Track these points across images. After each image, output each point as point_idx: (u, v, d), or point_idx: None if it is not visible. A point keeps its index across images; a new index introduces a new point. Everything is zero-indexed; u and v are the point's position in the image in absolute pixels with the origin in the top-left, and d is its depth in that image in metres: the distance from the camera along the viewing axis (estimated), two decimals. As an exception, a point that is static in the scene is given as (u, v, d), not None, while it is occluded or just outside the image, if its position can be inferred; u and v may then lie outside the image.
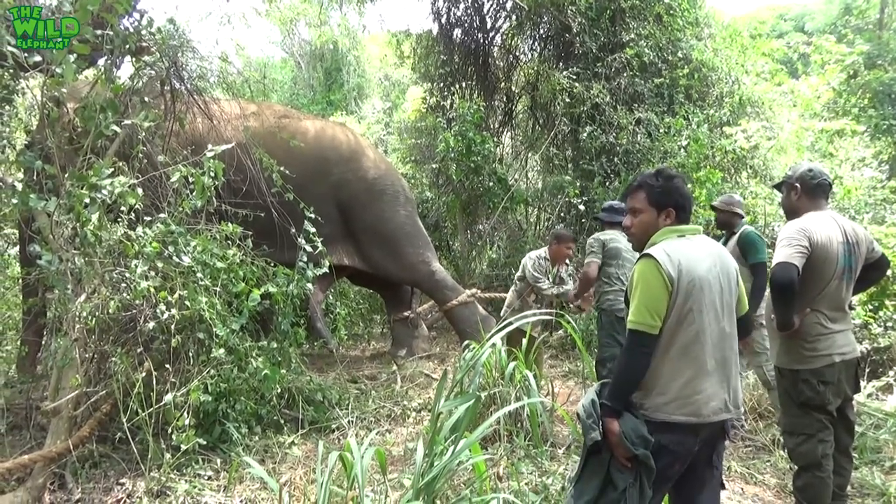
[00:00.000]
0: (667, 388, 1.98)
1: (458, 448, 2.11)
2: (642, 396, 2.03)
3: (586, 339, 6.80)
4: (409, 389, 5.23)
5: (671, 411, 1.96)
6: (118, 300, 3.42)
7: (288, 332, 4.46)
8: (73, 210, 3.23)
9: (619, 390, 2.04)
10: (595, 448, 2.06)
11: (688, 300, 1.95)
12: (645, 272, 2.00)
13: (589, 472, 2.08)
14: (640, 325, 1.97)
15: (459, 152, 8.23)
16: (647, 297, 1.98)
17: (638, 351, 2.00)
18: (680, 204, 2.12)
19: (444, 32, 11.26)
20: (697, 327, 1.96)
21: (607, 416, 2.02)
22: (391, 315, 7.04)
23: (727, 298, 2.03)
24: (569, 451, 3.85)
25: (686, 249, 2.01)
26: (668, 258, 1.97)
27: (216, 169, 3.64)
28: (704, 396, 1.95)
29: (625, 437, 1.95)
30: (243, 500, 3.29)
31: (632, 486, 1.96)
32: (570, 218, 8.67)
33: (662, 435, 1.96)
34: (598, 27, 8.83)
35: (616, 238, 4.41)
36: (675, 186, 2.13)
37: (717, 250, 2.07)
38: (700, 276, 1.96)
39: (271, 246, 4.90)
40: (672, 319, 1.97)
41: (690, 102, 8.36)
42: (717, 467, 2.08)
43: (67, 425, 3.46)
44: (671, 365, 1.98)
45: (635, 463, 1.96)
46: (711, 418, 1.96)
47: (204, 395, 3.53)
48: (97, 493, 3.34)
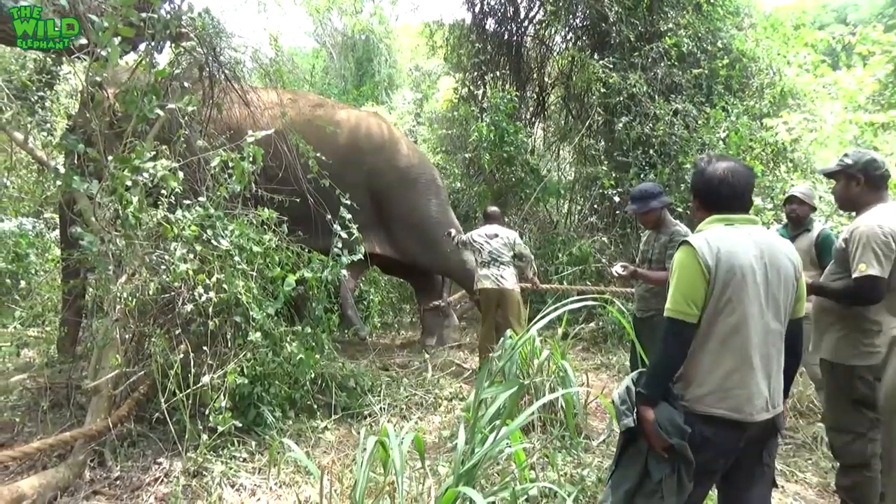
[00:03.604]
0: (706, 380, 1.92)
1: (500, 435, 2.08)
2: (683, 387, 1.98)
3: (617, 333, 6.74)
4: (441, 378, 5.22)
5: (711, 403, 1.90)
6: (157, 282, 3.46)
7: (321, 318, 4.48)
8: (115, 192, 3.26)
9: (656, 379, 1.99)
10: (631, 437, 2.02)
11: (726, 289, 1.88)
12: (682, 259, 1.95)
13: (626, 462, 2.04)
14: (676, 313, 1.92)
15: (492, 142, 8.17)
16: (682, 285, 1.92)
17: (674, 339, 1.95)
18: (704, 191, 2.05)
19: (476, 22, 11.19)
20: (738, 318, 1.88)
21: (642, 404, 1.97)
22: (421, 304, 7.03)
23: (774, 292, 1.93)
24: (604, 443, 3.81)
25: (730, 238, 1.93)
26: (706, 245, 1.90)
27: (256, 154, 3.65)
28: (747, 392, 1.88)
29: (659, 427, 1.90)
30: (278, 482, 3.31)
31: (669, 477, 1.91)
32: (602, 209, 8.56)
33: (704, 427, 1.90)
34: (636, 16, 8.66)
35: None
36: (697, 173, 2.08)
37: (768, 241, 1.96)
38: (741, 265, 1.88)
39: (306, 232, 4.92)
40: (710, 308, 1.90)
41: (730, 94, 8.16)
42: (768, 465, 2.01)
43: (107, 404, 3.52)
44: (710, 356, 1.92)
45: (672, 453, 1.91)
46: (755, 417, 1.88)
47: (240, 378, 3.56)
48: (135, 472, 3.39)
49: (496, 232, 5.53)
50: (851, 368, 2.67)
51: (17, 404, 4.41)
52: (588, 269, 7.42)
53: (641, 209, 3.66)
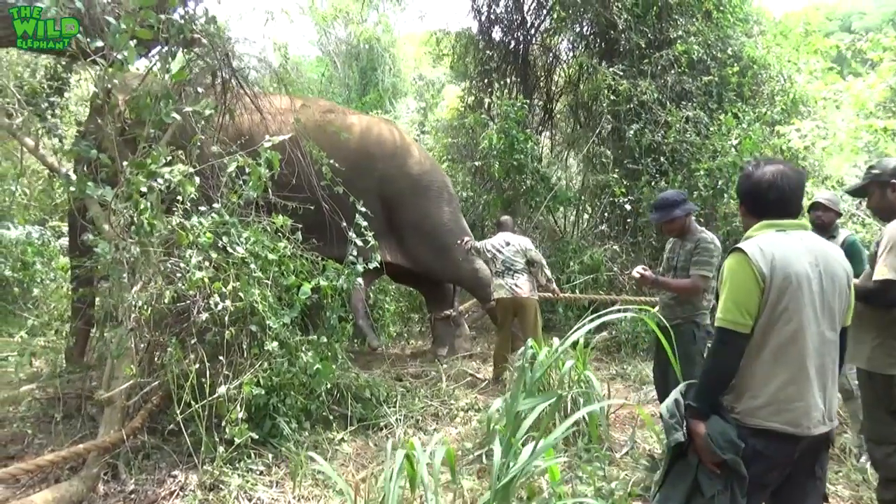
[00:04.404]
0: (760, 392, 1.84)
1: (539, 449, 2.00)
2: (734, 400, 1.89)
3: (631, 342, 6.65)
4: (456, 389, 5.13)
5: (766, 416, 1.82)
6: (173, 290, 3.38)
7: (335, 328, 4.40)
8: (130, 198, 3.20)
9: (707, 391, 1.91)
10: (680, 451, 1.94)
11: (782, 298, 1.80)
12: (734, 267, 1.86)
13: (674, 477, 1.95)
14: (728, 323, 1.84)
15: (502, 150, 8.12)
16: (736, 293, 1.84)
17: (726, 350, 1.87)
18: (752, 196, 1.99)
19: (483, 30, 11.18)
20: (794, 327, 1.80)
21: (693, 417, 1.89)
22: (433, 313, 6.94)
23: (829, 300, 1.85)
24: (627, 455, 3.72)
25: (783, 244, 1.85)
26: (760, 252, 1.83)
27: (273, 160, 3.59)
28: (804, 405, 1.80)
29: (711, 441, 1.82)
30: (296, 496, 3.22)
31: (721, 493, 1.83)
32: (613, 217, 8.49)
33: (757, 441, 1.82)
34: (645, 24, 8.65)
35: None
36: (744, 178, 2.02)
37: (822, 248, 1.89)
38: (797, 273, 1.80)
39: (320, 239, 4.85)
40: (764, 318, 1.82)
41: (742, 101, 8.11)
42: (820, 478, 1.93)
43: (120, 415, 3.44)
44: (764, 367, 1.84)
45: (725, 469, 1.82)
46: (812, 431, 1.80)
47: (256, 389, 3.48)
48: (150, 485, 3.30)
49: (508, 240, 5.49)
50: (890, 378, 2.59)
51: (26, 415, 4.33)
52: (600, 277, 7.34)
53: (664, 218, 3.58)
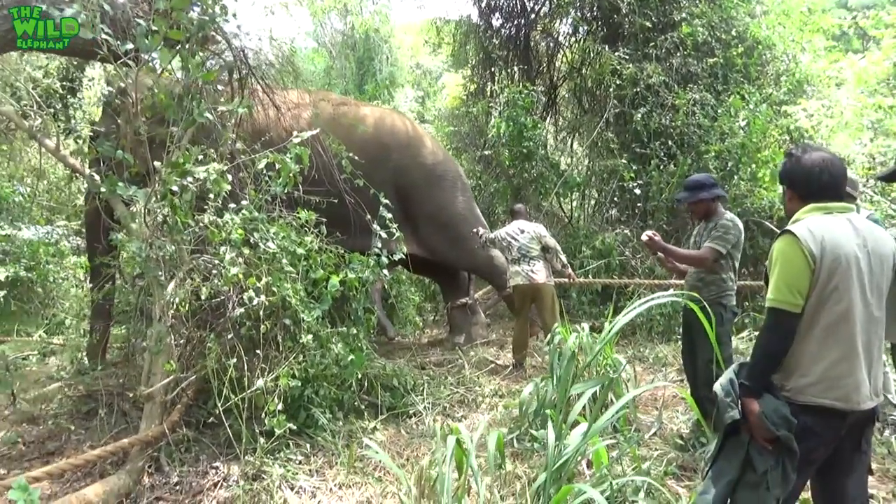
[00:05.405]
0: (810, 370, 1.91)
1: (591, 431, 2.06)
2: (783, 378, 1.96)
3: (647, 325, 6.73)
4: (479, 376, 5.21)
5: (816, 394, 1.89)
6: (209, 287, 3.44)
7: (361, 319, 4.47)
8: (165, 197, 3.24)
9: (759, 370, 1.98)
10: (732, 429, 2.01)
11: (832, 278, 1.87)
12: (784, 249, 1.93)
13: (727, 453, 2.03)
14: (780, 304, 1.91)
15: (511, 137, 8.15)
16: (787, 274, 1.91)
17: (779, 329, 1.94)
18: (803, 181, 2.04)
19: (484, 17, 11.16)
20: (845, 306, 1.87)
21: (746, 396, 1.96)
22: (448, 302, 7.01)
23: (878, 280, 1.93)
24: (655, 436, 3.81)
25: (832, 226, 1.92)
26: (809, 234, 1.89)
27: (302, 155, 3.63)
28: (854, 381, 1.87)
29: (765, 418, 1.89)
30: (336, 483, 3.30)
31: (773, 469, 1.90)
32: (622, 202, 8.54)
33: (807, 417, 1.89)
34: (648, 6, 8.65)
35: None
36: (793, 163, 2.07)
37: (869, 229, 1.95)
38: (846, 254, 1.87)
39: (344, 233, 4.90)
40: (814, 298, 1.89)
41: (748, 82, 8.14)
42: (865, 452, 2.01)
43: (160, 410, 3.51)
44: (814, 345, 1.91)
45: (777, 445, 1.90)
46: (861, 406, 1.88)
47: (293, 381, 3.55)
48: (193, 476, 3.37)
49: (523, 227, 5.55)
50: None
51: (58, 412, 4.40)
52: (612, 262, 7.40)
53: (690, 199, 3.64)
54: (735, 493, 1.95)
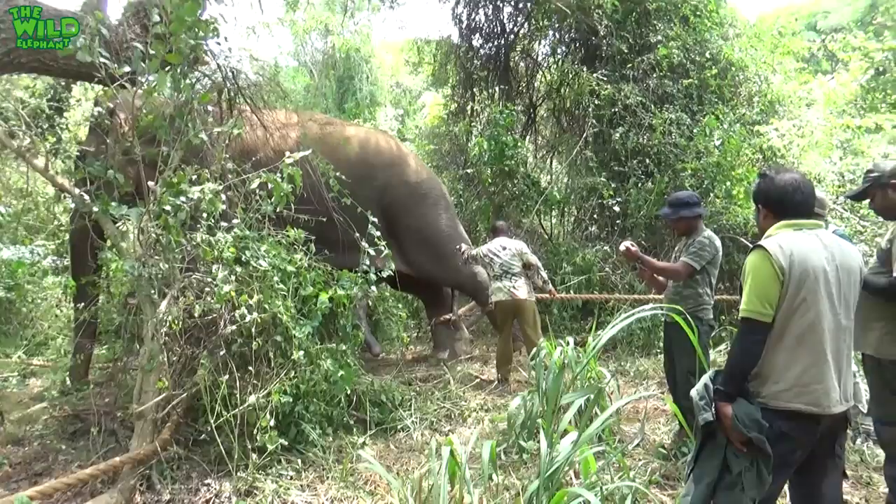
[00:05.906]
0: (782, 377, 2.04)
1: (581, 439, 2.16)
2: (758, 385, 2.09)
3: (627, 339, 6.86)
4: (465, 391, 5.28)
5: (789, 399, 2.02)
6: (201, 305, 3.49)
7: (350, 335, 4.52)
8: (160, 217, 3.30)
9: (733, 377, 2.10)
10: (710, 433, 2.12)
11: (800, 290, 2.01)
12: (756, 262, 2.07)
13: (706, 456, 2.15)
14: (751, 314, 2.04)
15: (492, 156, 8.30)
16: (758, 286, 2.04)
17: (750, 338, 2.07)
18: (777, 199, 2.18)
19: (464, 38, 11.36)
20: (813, 316, 2.01)
21: (720, 400, 2.09)
22: (432, 318, 7.09)
23: (845, 292, 2.07)
24: (638, 446, 3.90)
25: (801, 241, 2.06)
26: (780, 249, 2.03)
27: (294, 175, 3.71)
28: (824, 387, 2.00)
29: (738, 421, 2.00)
30: (329, 497, 3.34)
31: (748, 470, 2.02)
32: (602, 219, 8.71)
33: (782, 422, 2.01)
34: (625, 29, 8.91)
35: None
36: (767, 183, 2.22)
37: (837, 244, 2.10)
38: (814, 267, 2.01)
39: (331, 251, 4.97)
40: (784, 308, 2.03)
41: (722, 102, 8.40)
42: (839, 456, 2.14)
43: (151, 428, 3.53)
44: (786, 354, 2.04)
45: (751, 448, 2.01)
46: (832, 409, 2.00)
47: (284, 397, 3.60)
48: (185, 494, 3.39)
49: (505, 244, 5.67)
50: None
51: (44, 433, 4.38)
52: (593, 277, 7.54)
53: (671, 216, 3.80)
54: (715, 496, 2.05)
